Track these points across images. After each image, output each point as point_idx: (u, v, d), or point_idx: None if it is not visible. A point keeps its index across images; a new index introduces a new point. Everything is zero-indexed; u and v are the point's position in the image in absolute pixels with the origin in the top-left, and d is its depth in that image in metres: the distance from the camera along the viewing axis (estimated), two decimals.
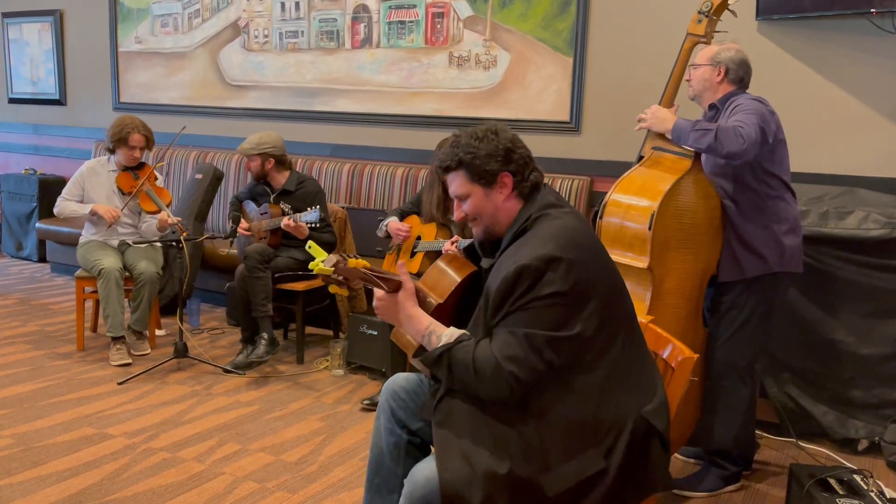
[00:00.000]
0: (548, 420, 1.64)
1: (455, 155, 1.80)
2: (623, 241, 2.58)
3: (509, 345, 1.61)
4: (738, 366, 2.68)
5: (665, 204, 2.50)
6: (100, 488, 2.63)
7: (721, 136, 2.42)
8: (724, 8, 2.68)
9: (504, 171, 1.78)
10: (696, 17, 2.70)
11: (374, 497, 1.99)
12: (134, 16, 5.79)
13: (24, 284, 5.48)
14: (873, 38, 3.38)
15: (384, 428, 1.97)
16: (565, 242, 1.66)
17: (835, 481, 2.30)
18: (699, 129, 2.48)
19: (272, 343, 3.80)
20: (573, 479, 1.61)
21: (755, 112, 2.49)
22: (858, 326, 3.07)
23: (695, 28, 2.70)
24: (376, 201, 4.68)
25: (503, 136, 1.79)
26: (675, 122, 2.58)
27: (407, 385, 1.99)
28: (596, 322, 1.65)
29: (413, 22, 4.63)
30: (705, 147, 2.46)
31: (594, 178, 4.12)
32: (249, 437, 3.10)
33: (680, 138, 2.56)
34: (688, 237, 2.57)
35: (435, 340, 1.71)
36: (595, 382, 1.66)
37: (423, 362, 1.70)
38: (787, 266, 2.64)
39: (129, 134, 4.02)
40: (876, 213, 3.03)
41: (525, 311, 1.63)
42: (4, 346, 4.10)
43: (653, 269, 2.52)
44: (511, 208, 1.81)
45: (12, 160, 6.70)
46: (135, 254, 4.02)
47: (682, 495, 2.72)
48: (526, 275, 1.62)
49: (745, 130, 2.41)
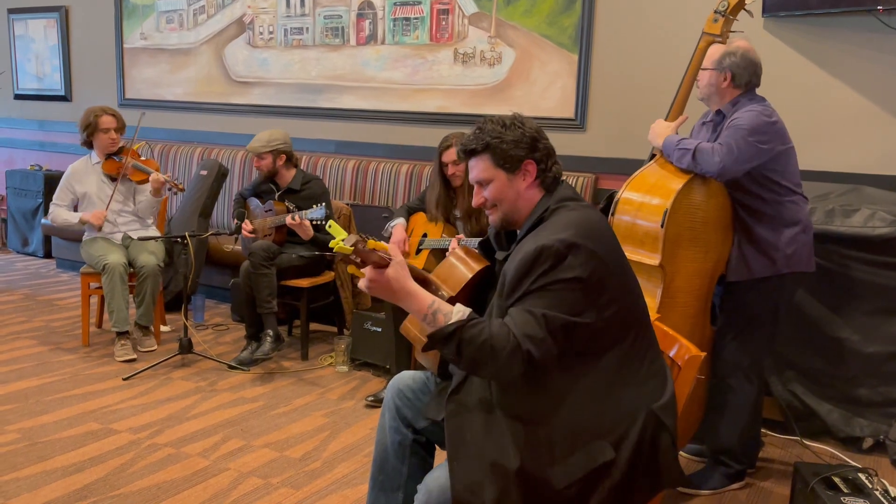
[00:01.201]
0: (556, 411, 1.64)
1: (481, 139, 1.78)
2: (635, 238, 2.58)
3: (528, 323, 1.58)
4: (744, 364, 2.67)
5: (678, 202, 2.51)
6: (105, 483, 2.64)
7: (698, 156, 2.49)
8: (741, 8, 2.64)
9: (529, 159, 1.78)
10: (711, 17, 2.66)
11: (379, 494, 1.99)
12: (139, 12, 5.80)
13: (30, 280, 5.49)
14: (880, 35, 3.36)
15: (389, 426, 1.97)
16: (585, 231, 1.66)
17: (839, 480, 2.30)
18: (681, 147, 2.54)
19: (277, 340, 3.80)
20: (581, 471, 1.61)
21: (748, 128, 2.48)
22: (864, 325, 3.06)
23: (711, 27, 2.66)
24: (380, 198, 4.68)
25: (529, 126, 1.80)
26: (664, 139, 2.63)
27: (413, 384, 1.99)
28: (608, 314, 1.65)
29: (418, 19, 4.62)
30: (685, 166, 2.54)
31: (599, 176, 4.11)
32: (254, 433, 3.11)
33: (668, 155, 2.61)
34: (698, 235, 2.57)
35: (442, 318, 1.62)
36: (604, 374, 1.67)
37: (432, 339, 1.62)
38: (795, 266, 2.63)
39: (98, 117, 4.09)
40: (882, 211, 3.02)
41: (545, 292, 1.61)
42: (10, 342, 4.11)
43: (664, 267, 2.52)
44: (531, 197, 1.80)
45: (18, 156, 6.72)
46: (136, 247, 4.03)
47: (686, 493, 2.72)
48: (547, 255, 1.61)
49: (722, 151, 2.45)
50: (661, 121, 2.74)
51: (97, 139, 4.11)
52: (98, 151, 4.16)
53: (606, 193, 3.62)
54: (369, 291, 1.66)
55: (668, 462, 1.71)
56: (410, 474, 1.95)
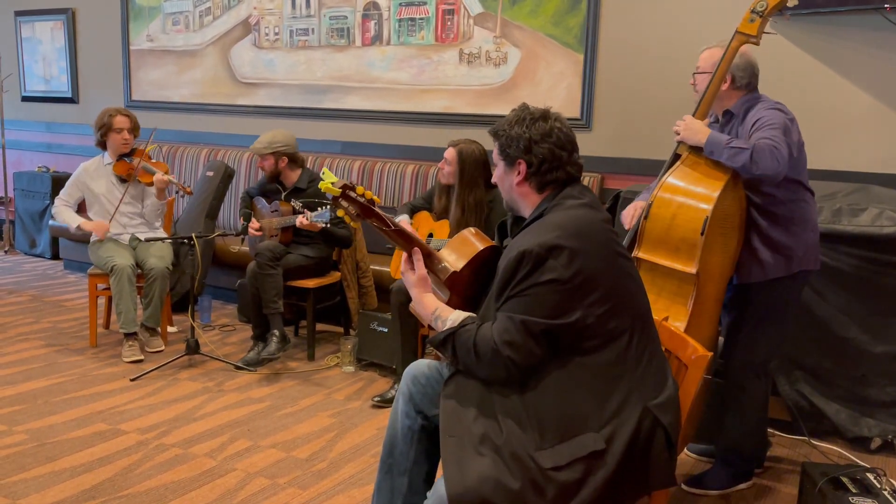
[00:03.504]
0: (545, 399, 1.68)
1: (496, 128, 1.92)
2: (668, 245, 2.49)
3: (507, 330, 1.68)
4: (753, 364, 2.66)
5: (716, 208, 2.42)
6: (112, 484, 2.65)
7: (757, 156, 2.35)
8: (780, 7, 2.53)
9: (521, 160, 1.85)
10: (747, 16, 2.55)
11: (386, 476, 2.03)
12: (145, 14, 5.82)
13: (38, 281, 5.52)
14: (887, 33, 3.35)
15: (401, 411, 2.01)
16: (571, 232, 1.69)
17: (847, 480, 2.29)
18: (734, 146, 2.40)
19: (284, 340, 3.81)
20: (568, 457, 1.63)
21: (781, 127, 2.41)
22: (872, 324, 3.05)
23: (746, 27, 2.55)
24: (386, 198, 4.69)
25: (537, 128, 1.85)
26: (708, 136, 2.49)
27: (428, 371, 2.03)
28: (599, 310, 1.68)
29: (423, 19, 4.62)
30: (739, 166, 2.39)
31: (605, 175, 4.11)
32: (260, 433, 3.11)
33: (713, 153, 2.47)
34: (728, 240, 2.50)
35: (440, 324, 1.80)
36: (596, 369, 1.69)
37: (431, 343, 1.80)
38: (805, 265, 2.61)
39: (112, 118, 4.11)
40: (890, 211, 3.00)
41: (524, 297, 1.68)
42: (18, 343, 4.13)
43: (699, 275, 2.45)
44: (525, 194, 1.87)
45: (25, 158, 6.75)
46: (145, 250, 4.05)
47: (693, 493, 2.72)
48: (527, 260, 1.67)
49: (780, 153, 2.35)
50: (693, 118, 2.59)
51: (110, 139, 4.13)
52: (111, 152, 4.18)
53: (612, 193, 3.63)
54: (403, 274, 1.92)
55: (660, 461, 1.72)
56: (416, 460, 1.99)
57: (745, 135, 2.49)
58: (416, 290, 1.89)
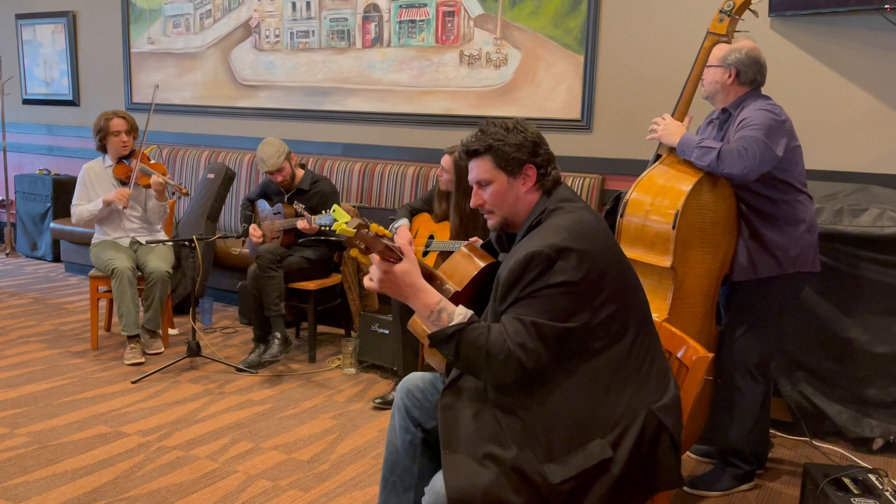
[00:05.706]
0: (551, 408, 1.65)
1: (484, 140, 1.80)
2: (645, 241, 2.57)
3: (519, 332, 1.62)
4: (750, 364, 2.66)
5: (688, 203, 2.50)
6: (114, 486, 2.65)
7: (724, 156, 2.45)
8: (746, 7, 2.64)
9: (530, 164, 1.80)
10: (717, 16, 2.65)
11: (391, 495, 2.00)
12: (146, 16, 5.82)
13: (39, 284, 5.52)
14: (887, 33, 3.35)
15: (399, 426, 1.98)
16: (577, 234, 1.67)
17: (849, 480, 2.29)
18: (703, 146, 2.51)
19: (285, 342, 3.81)
20: (577, 468, 1.61)
21: (762, 128, 2.46)
22: (873, 324, 3.05)
23: (716, 27, 2.65)
24: (387, 200, 4.69)
25: (531, 131, 1.83)
26: (681, 137, 2.59)
27: (422, 384, 2.01)
28: (606, 312, 1.66)
29: (424, 21, 4.63)
30: (706, 166, 2.50)
31: (605, 177, 4.11)
32: (262, 435, 3.11)
33: (684, 153, 2.58)
34: (708, 236, 2.56)
35: (446, 318, 1.66)
36: (600, 373, 1.67)
37: (432, 338, 1.66)
38: (801, 266, 2.62)
39: (109, 120, 4.12)
40: (890, 211, 3.00)
41: (534, 299, 1.64)
42: (20, 345, 4.13)
43: (675, 269, 2.51)
44: (530, 201, 1.82)
45: (27, 161, 6.76)
46: (146, 253, 4.05)
47: (695, 494, 2.71)
48: (536, 262, 1.63)
49: (748, 154, 2.42)
50: (672, 118, 2.70)
51: (109, 142, 4.14)
52: (111, 155, 4.19)
53: (613, 194, 3.63)
54: (380, 286, 1.68)
55: (666, 464, 1.71)
56: (421, 474, 1.96)
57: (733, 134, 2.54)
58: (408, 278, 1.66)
